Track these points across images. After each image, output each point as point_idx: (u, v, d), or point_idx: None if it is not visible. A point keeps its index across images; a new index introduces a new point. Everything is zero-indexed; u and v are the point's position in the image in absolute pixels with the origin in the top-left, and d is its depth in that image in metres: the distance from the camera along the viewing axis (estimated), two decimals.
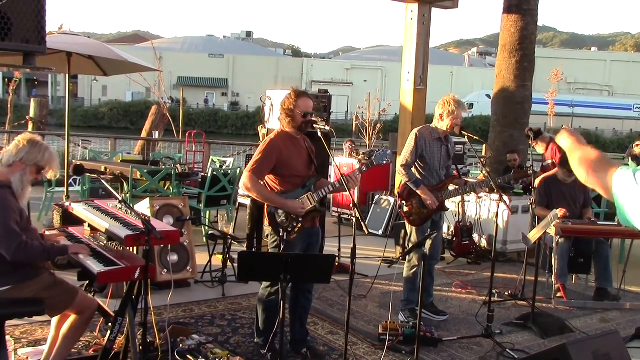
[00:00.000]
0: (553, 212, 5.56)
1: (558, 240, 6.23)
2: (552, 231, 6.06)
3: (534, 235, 5.52)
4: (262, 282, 4.54)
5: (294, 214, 4.29)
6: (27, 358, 4.19)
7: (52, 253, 3.59)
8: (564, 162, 6.55)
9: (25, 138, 3.68)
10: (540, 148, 8.19)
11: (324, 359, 4.49)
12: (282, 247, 4.21)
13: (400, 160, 5.41)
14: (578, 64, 61.81)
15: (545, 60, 36.46)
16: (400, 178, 5.43)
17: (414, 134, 5.40)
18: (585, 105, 51.34)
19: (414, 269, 5.39)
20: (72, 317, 3.75)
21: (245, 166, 4.62)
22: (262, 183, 4.34)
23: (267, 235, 4.49)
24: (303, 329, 4.64)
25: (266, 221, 4.37)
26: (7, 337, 4.03)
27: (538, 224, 5.82)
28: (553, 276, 6.34)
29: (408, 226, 5.48)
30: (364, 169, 4.54)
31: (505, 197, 5.22)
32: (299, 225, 4.31)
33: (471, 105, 45.48)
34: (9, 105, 15.47)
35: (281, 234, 4.22)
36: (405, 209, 5.38)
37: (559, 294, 6.25)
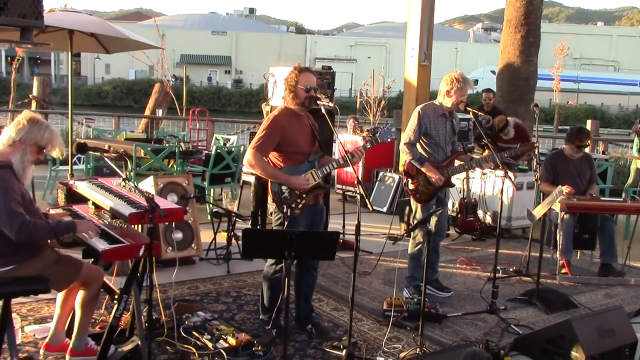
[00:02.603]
0: (558, 188, 5.55)
1: (563, 216, 6.21)
2: (557, 207, 6.04)
3: (538, 211, 5.51)
4: (267, 260, 4.55)
5: (298, 189, 4.27)
6: (34, 335, 4.22)
7: (59, 230, 3.55)
8: (571, 138, 6.51)
9: (25, 117, 3.62)
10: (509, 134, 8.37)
11: (329, 335, 4.51)
12: (286, 223, 4.21)
13: (404, 138, 5.38)
14: (584, 39, 61.29)
15: (550, 36, 36.09)
16: (405, 156, 5.41)
17: (417, 111, 5.36)
18: (591, 80, 50.94)
19: (419, 246, 5.39)
20: (82, 292, 3.76)
21: (249, 144, 4.61)
22: (265, 160, 4.32)
23: (271, 213, 4.48)
24: (308, 305, 4.66)
25: (270, 198, 4.36)
26: (14, 315, 4.06)
27: (543, 200, 5.80)
28: (558, 252, 6.34)
29: (413, 203, 5.46)
30: (368, 146, 4.52)
31: (509, 174, 5.21)
32: (303, 201, 4.30)
33: (476, 82, 45.10)
34: (12, 84, 15.41)
35: (285, 210, 4.21)
36: (411, 186, 5.37)
37: (563, 270, 6.25)
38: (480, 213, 7.98)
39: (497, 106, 9.56)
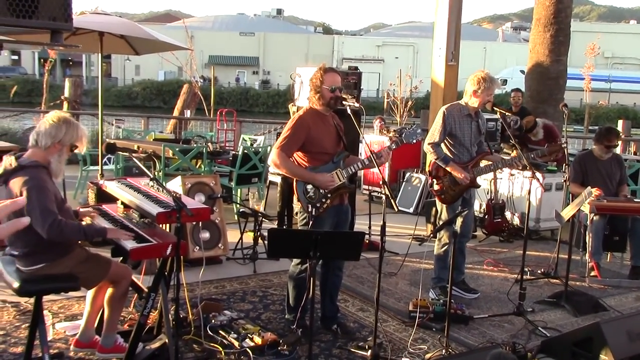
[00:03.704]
0: (587, 190, 5.47)
1: (592, 218, 6.13)
2: (586, 209, 5.96)
3: (567, 212, 5.45)
4: (292, 259, 4.57)
5: (323, 187, 4.28)
6: (65, 332, 4.30)
7: (89, 233, 3.61)
8: (600, 138, 6.43)
9: (60, 118, 3.66)
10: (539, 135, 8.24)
11: (354, 336, 4.52)
12: (311, 223, 4.22)
13: (428, 138, 5.37)
14: (616, 37, 60.16)
15: (581, 35, 35.59)
16: (430, 156, 5.39)
17: (442, 111, 5.35)
18: (623, 80, 50.04)
19: (445, 247, 5.36)
20: (111, 290, 3.83)
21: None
22: (291, 159, 4.35)
23: (297, 213, 4.50)
24: (334, 305, 4.67)
25: (295, 198, 4.38)
26: (45, 312, 4.14)
27: (572, 201, 5.73)
28: (587, 254, 6.25)
29: (439, 204, 5.44)
30: (394, 147, 4.52)
31: (538, 174, 5.16)
32: (328, 201, 4.31)
33: (505, 82, 44.75)
34: (45, 85, 15.69)
35: (310, 210, 4.23)
36: (436, 187, 5.35)
37: (592, 273, 6.16)
38: (508, 214, 7.91)
39: (525, 106, 9.45)
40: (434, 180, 5.36)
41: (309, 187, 4.30)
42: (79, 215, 4.00)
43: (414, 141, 4.49)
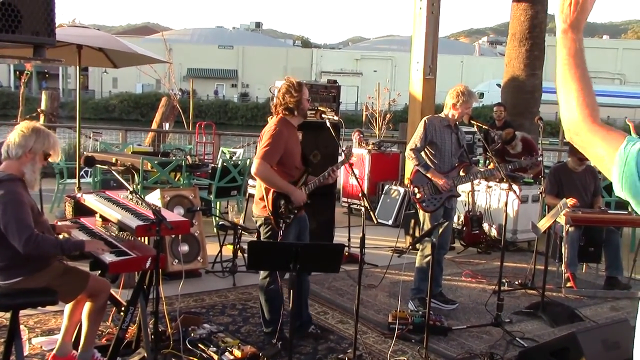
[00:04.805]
0: (563, 201, 5.56)
1: (568, 229, 6.21)
2: (562, 220, 6.05)
3: (543, 224, 5.52)
4: (260, 273, 4.61)
5: (296, 203, 4.39)
6: (41, 347, 4.25)
7: (66, 247, 3.58)
8: (574, 150, 6.53)
9: (28, 128, 3.64)
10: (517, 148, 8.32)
11: (332, 333, 4.55)
12: (281, 237, 4.30)
13: (410, 144, 5.44)
14: (589, 52, 58.69)
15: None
16: (410, 163, 5.46)
17: (423, 121, 5.46)
18: (597, 94, 48.98)
19: (427, 258, 5.38)
20: (89, 304, 3.79)
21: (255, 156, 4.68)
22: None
23: (260, 225, 4.51)
24: (307, 309, 4.78)
25: (258, 211, 4.44)
26: (22, 327, 4.09)
27: (548, 212, 5.81)
28: (563, 265, 6.33)
29: (421, 213, 5.48)
30: (340, 165, 4.67)
31: (514, 187, 5.23)
32: (295, 215, 4.44)
33: (482, 95, 45.20)
34: (21, 98, 15.54)
35: (281, 225, 4.30)
36: (418, 195, 5.39)
37: (568, 283, 6.24)
38: (485, 226, 7.99)
39: (509, 121, 9.47)
40: (416, 188, 5.40)
41: (282, 202, 4.35)
42: (56, 229, 3.97)
43: (351, 159, 4.62)
